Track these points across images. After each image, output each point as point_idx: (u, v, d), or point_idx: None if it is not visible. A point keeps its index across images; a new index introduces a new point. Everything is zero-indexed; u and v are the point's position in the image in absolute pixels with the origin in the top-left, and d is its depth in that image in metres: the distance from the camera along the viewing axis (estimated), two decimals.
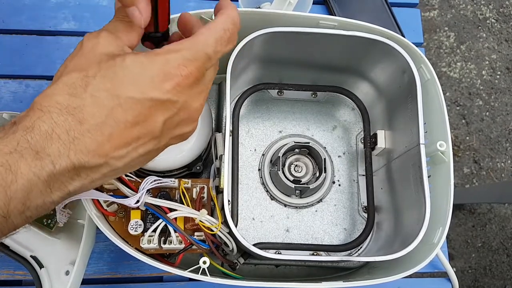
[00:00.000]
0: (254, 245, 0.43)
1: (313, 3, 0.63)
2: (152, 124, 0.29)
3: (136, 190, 0.41)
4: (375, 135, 0.52)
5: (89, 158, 0.27)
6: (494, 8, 1.46)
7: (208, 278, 0.40)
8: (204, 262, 0.41)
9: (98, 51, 0.29)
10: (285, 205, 0.53)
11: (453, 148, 1.16)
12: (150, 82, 0.28)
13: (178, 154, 0.45)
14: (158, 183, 0.42)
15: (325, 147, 0.55)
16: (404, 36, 0.56)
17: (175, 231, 0.41)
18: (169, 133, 0.31)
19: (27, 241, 0.48)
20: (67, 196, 0.28)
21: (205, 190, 0.44)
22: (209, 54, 0.30)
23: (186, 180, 0.44)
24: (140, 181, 0.42)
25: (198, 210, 0.42)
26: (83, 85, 0.27)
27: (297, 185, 0.50)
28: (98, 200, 0.42)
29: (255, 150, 0.54)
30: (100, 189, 0.43)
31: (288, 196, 0.52)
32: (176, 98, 0.29)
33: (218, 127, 0.53)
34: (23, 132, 0.26)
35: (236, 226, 0.44)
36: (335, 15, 0.67)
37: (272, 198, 0.53)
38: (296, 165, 0.53)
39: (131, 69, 0.28)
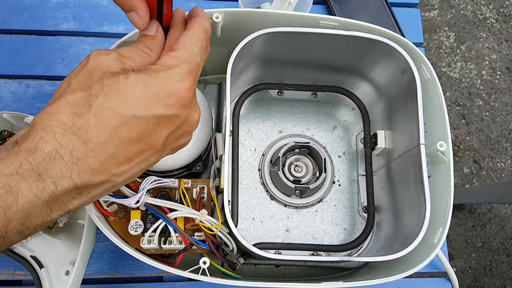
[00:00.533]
0: (254, 245, 0.43)
1: (313, 3, 0.63)
2: (155, 139, 0.30)
3: (136, 190, 0.41)
4: (375, 135, 0.52)
5: (91, 177, 0.27)
6: (494, 8, 1.46)
7: (208, 278, 0.40)
8: (204, 262, 0.41)
9: (103, 69, 0.29)
10: (285, 205, 0.53)
11: (453, 148, 1.16)
12: (155, 99, 0.29)
13: (178, 154, 0.45)
14: (158, 183, 0.42)
15: (325, 147, 0.55)
16: (404, 36, 0.57)
17: (175, 231, 0.41)
18: (170, 146, 0.32)
19: (27, 241, 0.48)
20: (66, 214, 0.28)
21: (205, 190, 0.44)
22: (199, 64, 0.32)
23: (186, 180, 0.44)
24: (140, 181, 0.42)
25: (198, 210, 0.42)
26: (87, 104, 0.27)
27: (297, 185, 0.50)
28: (98, 200, 0.42)
29: (255, 150, 0.54)
30: None
31: (288, 196, 0.52)
32: (180, 112, 0.30)
33: (218, 127, 0.53)
34: (26, 153, 0.26)
35: (236, 226, 0.44)
36: (335, 15, 0.67)
37: (272, 198, 0.53)
38: (296, 165, 0.53)
39: (135, 87, 0.28)
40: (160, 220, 0.41)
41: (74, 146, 0.26)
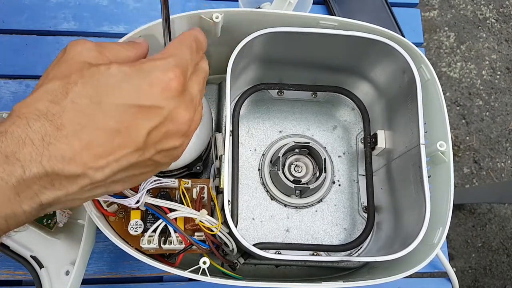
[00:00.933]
0: (254, 245, 0.43)
1: (313, 3, 0.63)
2: (135, 133, 0.28)
3: (136, 190, 0.41)
4: (375, 135, 0.52)
5: (63, 165, 0.26)
6: (494, 8, 1.46)
7: (208, 278, 0.40)
8: (204, 262, 0.41)
9: (81, 59, 0.28)
10: (285, 205, 0.53)
11: (453, 148, 1.16)
12: (136, 89, 0.27)
13: None
14: (158, 183, 0.42)
15: (325, 147, 0.55)
16: (404, 36, 0.56)
17: (175, 231, 0.41)
18: (154, 146, 0.29)
19: (27, 241, 0.48)
20: (40, 208, 0.27)
21: (205, 190, 0.44)
22: (188, 61, 0.31)
23: (186, 180, 0.44)
24: None
25: (198, 210, 0.42)
26: (64, 92, 0.26)
27: (297, 185, 0.50)
28: (98, 200, 0.42)
29: (255, 150, 0.54)
30: None
31: (288, 196, 0.52)
32: (163, 103, 0.28)
33: (218, 127, 0.53)
34: None
35: (236, 226, 0.44)
36: (335, 15, 0.67)
37: (272, 198, 0.53)
38: (296, 165, 0.53)
39: (116, 77, 0.27)
40: (160, 220, 0.41)
41: (46, 131, 0.25)
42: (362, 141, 0.55)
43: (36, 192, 0.26)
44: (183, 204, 0.42)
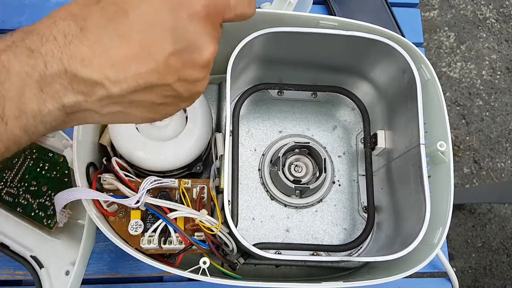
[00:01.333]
0: (254, 245, 0.43)
1: (313, 3, 0.63)
2: (157, 52, 0.27)
3: (136, 190, 0.41)
4: (375, 135, 0.52)
5: (81, 67, 0.26)
6: (494, 8, 1.46)
7: (208, 278, 0.40)
8: (204, 262, 0.41)
9: None
10: (285, 205, 0.53)
11: (453, 148, 1.16)
12: (167, 4, 0.27)
13: (178, 154, 0.45)
14: (158, 183, 0.42)
15: (325, 147, 0.55)
16: (404, 36, 0.57)
17: (175, 231, 0.41)
18: (177, 72, 0.28)
19: (27, 241, 0.48)
20: (64, 112, 0.27)
21: (205, 190, 0.44)
22: (227, 2, 0.29)
23: (186, 180, 0.44)
24: (140, 181, 0.42)
25: (198, 210, 0.42)
26: None
27: (297, 185, 0.50)
28: (98, 200, 0.42)
29: (255, 150, 0.54)
30: (100, 189, 0.43)
31: (288, 196, 0.52)
32: (189, 27, 0.27)
33: (218, 127, 0.53)
34: (21, 33, 0.26)
35: (236, 226, 0.44)
36: (335, 15, 0.67)
37: (272, 198, 0.53)
38: (296, 165, 0.53)
39: None
40: (160, 220, 0.41)
41: (69, 30, 0.26)
42: (362, 141, 0.55)
43: (58, 91, 0.26)
44: (183, 204, 0.42)
